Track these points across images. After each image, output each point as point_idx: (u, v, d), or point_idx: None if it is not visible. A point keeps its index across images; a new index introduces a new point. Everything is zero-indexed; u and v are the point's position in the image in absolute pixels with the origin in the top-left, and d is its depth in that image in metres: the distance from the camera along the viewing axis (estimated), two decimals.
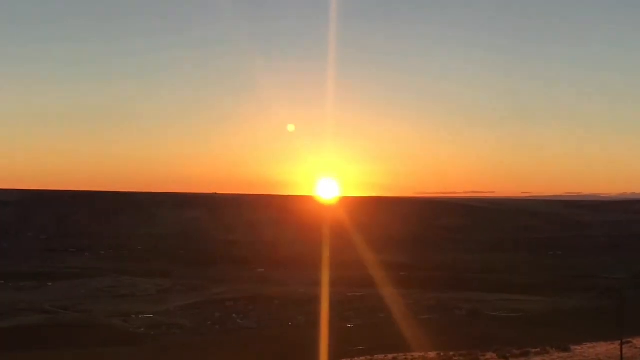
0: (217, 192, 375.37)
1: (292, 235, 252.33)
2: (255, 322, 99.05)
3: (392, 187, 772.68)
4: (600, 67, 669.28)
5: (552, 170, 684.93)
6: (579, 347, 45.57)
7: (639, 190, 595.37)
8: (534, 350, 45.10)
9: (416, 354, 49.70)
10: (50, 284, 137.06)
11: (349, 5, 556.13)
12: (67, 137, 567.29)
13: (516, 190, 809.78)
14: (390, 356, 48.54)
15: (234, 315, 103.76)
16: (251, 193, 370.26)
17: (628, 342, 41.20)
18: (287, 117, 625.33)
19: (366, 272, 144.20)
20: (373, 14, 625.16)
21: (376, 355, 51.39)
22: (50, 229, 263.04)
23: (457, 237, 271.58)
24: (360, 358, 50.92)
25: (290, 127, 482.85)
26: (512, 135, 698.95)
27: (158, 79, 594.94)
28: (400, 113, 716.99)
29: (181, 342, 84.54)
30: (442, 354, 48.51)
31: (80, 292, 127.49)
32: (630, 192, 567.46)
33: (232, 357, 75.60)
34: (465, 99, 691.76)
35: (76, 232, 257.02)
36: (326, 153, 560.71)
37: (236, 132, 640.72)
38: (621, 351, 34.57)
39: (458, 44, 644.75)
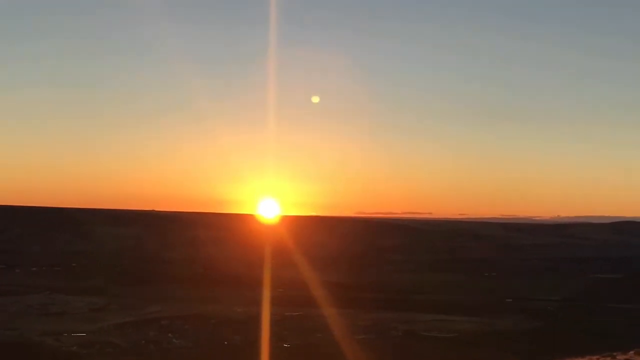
0: (155, 209, 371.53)
1: (231, 253, 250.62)
2: (191, 341, 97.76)
3: (331, 207, 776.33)
4: (530, 89, 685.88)
5: (488, 193, 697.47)
6: None
7: (571, 214, 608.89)
8: None
9: None
10: None
11: (288, 20, 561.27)
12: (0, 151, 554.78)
13: (453, 212, 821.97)
14: None
15: (169, 334, 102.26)
16: (190, 211, 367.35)
17: None
18: (228, 135, 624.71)
19: (305, 292, 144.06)
20: (312, 29, 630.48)
21: None
22: None
23: (395, 257, 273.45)
24: None
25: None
26: (449, 157, 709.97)
27: (94, 92, 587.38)
28: (339, 133, 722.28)
29: None
30: None
31: (11, 309, 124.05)
32: (563, 216, 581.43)
33: None
34: (403, 119, 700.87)
35: (7, 248, 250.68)
36: (266, 172, 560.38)
37: (175, 149, 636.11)
38: None
39: (397, 61, 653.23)
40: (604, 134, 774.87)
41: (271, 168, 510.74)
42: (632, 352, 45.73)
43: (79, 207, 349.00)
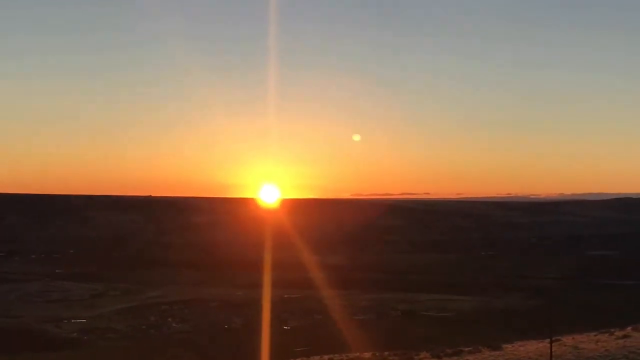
0: (152, 194, 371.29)
1: (229, 237, 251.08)
2: (191, 325, 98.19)
3: (328, 189, 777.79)
4: (528, 70, 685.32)
5: (485, 172, 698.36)
6: (510, 346, 46.60)
7: (567, 192, 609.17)
8: (466, 349, 45.96)
9: (352, 355, 50.14)
10: None
11: (287, 12, 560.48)
12: None
13: (451, 192, 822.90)
14: (326, 357, 48.88)
15: (169, 319, 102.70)
16: (187, 195, 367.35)
17: (557, 340, 42.34)
18: (226, 122, 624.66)
19: (303, 274, 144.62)
20: (310, 19, 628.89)
21: (312, 357, 51.65)
22: None
23: (393, 238, 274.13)
24: (297, 359, 51.09)
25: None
26: (446, 137, 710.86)
27: (92, 80, 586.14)
28: (336, 116, 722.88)
29: (115, 347, 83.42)
30: (377, 354, 49.01)
31: (11, 297, 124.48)
32: (557, 193, 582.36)
33: None
34: (399, 101, 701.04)
35: (6, 236, 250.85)
36: (264, 157, 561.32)
37: (172, 135, 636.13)
38: (550, 349, 35.49)
39: (394, 47, 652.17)
40: (602, 111, 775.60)
41: (269, 153, 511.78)
42: (629, 328, 46.14)
43: (75, 193, 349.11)
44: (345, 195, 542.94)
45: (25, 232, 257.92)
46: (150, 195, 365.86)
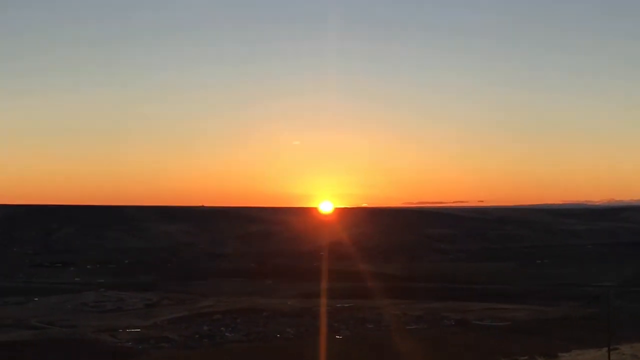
0: (205, 204, 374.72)
1: (282, 247, 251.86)
2: (244, 335, 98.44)
3: (380, 198, 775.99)
4: (584, 74, 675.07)
5: (539, 179, 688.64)
6: (567, 354, 45.62)
7: (625, 198, 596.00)
8: (521, 358, 45.13)
9: None
10: (36, 299, 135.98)
11: (340, 28, 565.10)
12: (54, 151, 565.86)
13: (505, 200, 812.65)
14: None
15: (222, 328, 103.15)
16: (240, 205, 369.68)
17: (615, 349, 41.27)
18: (281, 133, 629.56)
19: (356, 283, 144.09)
20: (362, 33, 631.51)
21: None
22: (37, 243, 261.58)
23: (445, 246, 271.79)
24: None
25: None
26: (499, 145, 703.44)
27: (146, 93, 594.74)
28: (388, 125, 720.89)
29: (169, 356, 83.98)
30: None
31: (67, 307, 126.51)
32: (616, 200, 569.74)
33: None
34: (453, 110, 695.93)
35: (62, 247, 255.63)
36: (317, 167, 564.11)
37: (224, 146, 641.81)
38: (609, 358, 34.56)
39: (445, 57, 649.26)
40: None
41: (322, 163, 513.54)
42: None
43: (130, 204, 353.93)
44: (397, 204, 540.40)
45: (81, 243, 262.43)
46: (203, 206, 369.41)
